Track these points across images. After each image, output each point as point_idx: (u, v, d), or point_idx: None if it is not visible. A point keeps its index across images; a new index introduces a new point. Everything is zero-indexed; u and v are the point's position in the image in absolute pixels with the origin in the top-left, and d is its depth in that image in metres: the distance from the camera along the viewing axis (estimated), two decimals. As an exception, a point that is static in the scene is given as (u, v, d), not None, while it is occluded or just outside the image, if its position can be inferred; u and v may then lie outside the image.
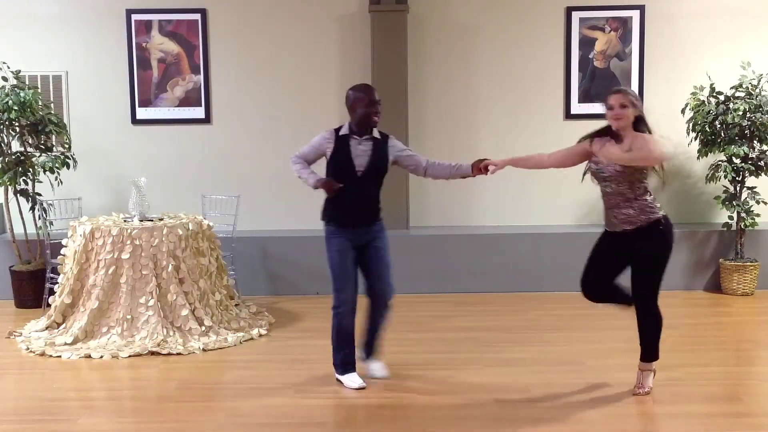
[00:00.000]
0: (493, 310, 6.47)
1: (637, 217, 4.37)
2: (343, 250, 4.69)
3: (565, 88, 7.53)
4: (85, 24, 7.47)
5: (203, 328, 5.73)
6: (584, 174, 4.58)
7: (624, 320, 6.21)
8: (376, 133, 4.75)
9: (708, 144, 6.95)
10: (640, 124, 4.38)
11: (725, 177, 6.88)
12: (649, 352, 4.60)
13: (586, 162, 4.53)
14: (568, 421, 4.20)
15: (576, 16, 7.47)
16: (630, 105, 4.33)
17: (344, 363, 4.80)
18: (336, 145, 4.70)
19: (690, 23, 7.46)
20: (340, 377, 4.81)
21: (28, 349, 5.57)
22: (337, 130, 4.75)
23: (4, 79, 6.74)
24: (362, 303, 4.72)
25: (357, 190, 4.68)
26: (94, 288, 5.71)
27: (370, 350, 4.93)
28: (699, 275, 7.23)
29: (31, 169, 6.78)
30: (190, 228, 5.92)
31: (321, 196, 4.79)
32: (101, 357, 5.39)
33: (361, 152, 4.69)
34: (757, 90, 6.84)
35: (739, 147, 6.75)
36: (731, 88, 6.92)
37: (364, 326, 4.88)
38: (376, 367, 4.89)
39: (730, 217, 7.07)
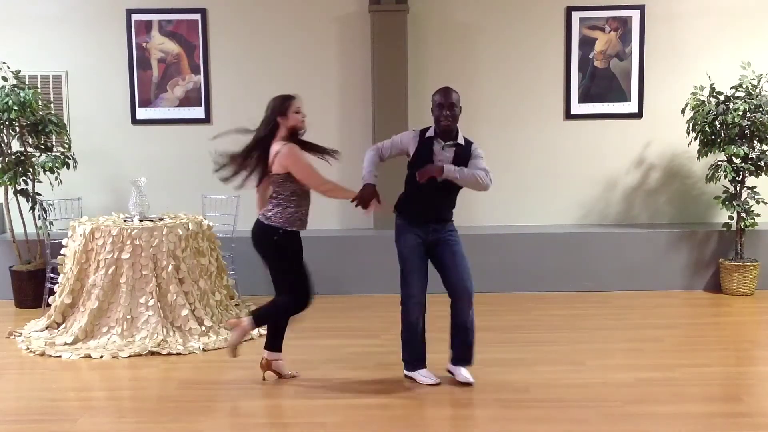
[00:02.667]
0: (493, 310, 6.47)
1: None
2: (411, 246, 4.70)
3: (565, 88, 7.53)
4: (85, 24, 7.47)
5: (203, 328, 5.73)
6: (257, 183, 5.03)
7: (624, 320, 6.25)
8: (461, 140, 4.69)
9: (708, 144, 6.94)
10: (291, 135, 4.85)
11: (725, 177, 6.88)
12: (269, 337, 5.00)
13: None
14: (568, 421, 4.20)
15: (576, 16, 7.47)
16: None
17: (413, 360, 4.79)
18: (419, 146, 4.66)
19: (690, 23, 7.47)
20: (411, 374, 4.80)
21: (28, 349, 5.57)
22: (423, 131, 4.71)
23: (4, 79, 6.74)
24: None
25: (434, 192, 4.63)
26: (94, 288, 5.71)
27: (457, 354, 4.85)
28: (699, 275, 7.23)
29: (31, 169, 6.78)
30: (190, 228, 5.92)
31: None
32: (101, 357, 5.39)
33: (443, 158, 4.63)
34: (757, 90, 6.84)
35: (739, 147, 6.75)
36: (731, 88, 6.92)
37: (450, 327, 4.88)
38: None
39: (730, 217, 7.07)
